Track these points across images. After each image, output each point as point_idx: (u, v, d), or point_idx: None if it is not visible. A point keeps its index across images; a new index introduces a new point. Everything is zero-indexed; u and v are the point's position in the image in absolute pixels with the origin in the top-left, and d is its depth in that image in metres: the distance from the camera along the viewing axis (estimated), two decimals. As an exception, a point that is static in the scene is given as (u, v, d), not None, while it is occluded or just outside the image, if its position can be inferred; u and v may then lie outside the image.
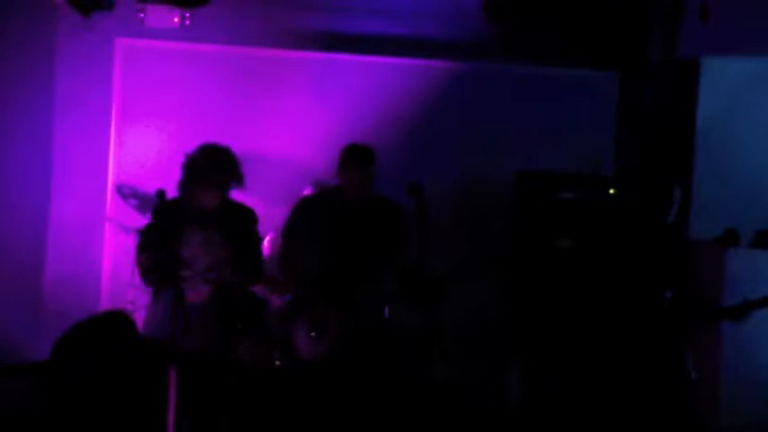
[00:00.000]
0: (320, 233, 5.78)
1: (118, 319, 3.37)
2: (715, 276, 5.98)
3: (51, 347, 3.22)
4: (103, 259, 7.42)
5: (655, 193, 5.23)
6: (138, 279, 6.88)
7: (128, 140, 7.41)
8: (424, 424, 5.74)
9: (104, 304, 7.26)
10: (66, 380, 3.18)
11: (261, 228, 7.01)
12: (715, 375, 6.25)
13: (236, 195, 7.31)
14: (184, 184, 5.43)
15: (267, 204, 7.32)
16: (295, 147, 7.43)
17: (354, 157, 5.82)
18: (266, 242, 6.86)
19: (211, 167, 5.37)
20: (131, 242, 7.06)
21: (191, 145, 5.64)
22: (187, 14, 7.19)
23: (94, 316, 3.34)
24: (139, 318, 5.70)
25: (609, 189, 6.81)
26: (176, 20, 7.20)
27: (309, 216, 5.85)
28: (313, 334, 5.65)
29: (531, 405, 6.32)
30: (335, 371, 5.62)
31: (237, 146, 7.42)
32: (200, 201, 5.40)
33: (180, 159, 5.60)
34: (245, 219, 5.60)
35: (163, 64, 7.43)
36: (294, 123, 7.47)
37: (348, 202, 5.82)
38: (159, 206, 5.51)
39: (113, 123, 7.41)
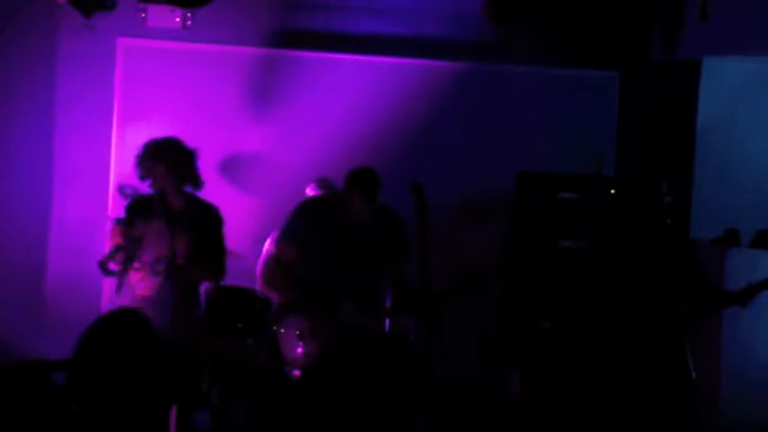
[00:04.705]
0: (321, 241, 5.70)
1: (133, 317, 3.39)
2: (715, 276, 5.97)
3: (73, 347, 3.25)
4: (105, 259, 7.42)
5: (651, 193, 5.24)
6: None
7: (129, 140, 7.40)
8: (424, 423, 5.73)
9: (105, 304, 7.27)
10: (88, 376, 3.20)
11: (263, 227, 7.05)
12: (715, 375, 6.26)
13: (237, 195, 7.39)
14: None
15: (268, 204, 7.34)
16: (296, 146, 7.43)
17: (361, 188, 5.60)
18: (268, 242, 6.87)
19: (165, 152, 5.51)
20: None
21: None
22: (188, 14, 7.20)
23: (109, 314, 3.36)
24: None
25: (610, 189, 6.82)
26: (178, 20, 7.21)
27: (311, 222, 5.76)
28: (300, 341, 5.63)
29: (531, 405, 6.33)
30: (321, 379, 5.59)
31: (239, 145, 7.49)
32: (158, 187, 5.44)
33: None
34: (208, 215, 5.60)
35: (164, 64, 7.43)
36: (295, 123, 7.47)
37: (351, 214, 5.73)
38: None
39: (115, 123, 7.42)
